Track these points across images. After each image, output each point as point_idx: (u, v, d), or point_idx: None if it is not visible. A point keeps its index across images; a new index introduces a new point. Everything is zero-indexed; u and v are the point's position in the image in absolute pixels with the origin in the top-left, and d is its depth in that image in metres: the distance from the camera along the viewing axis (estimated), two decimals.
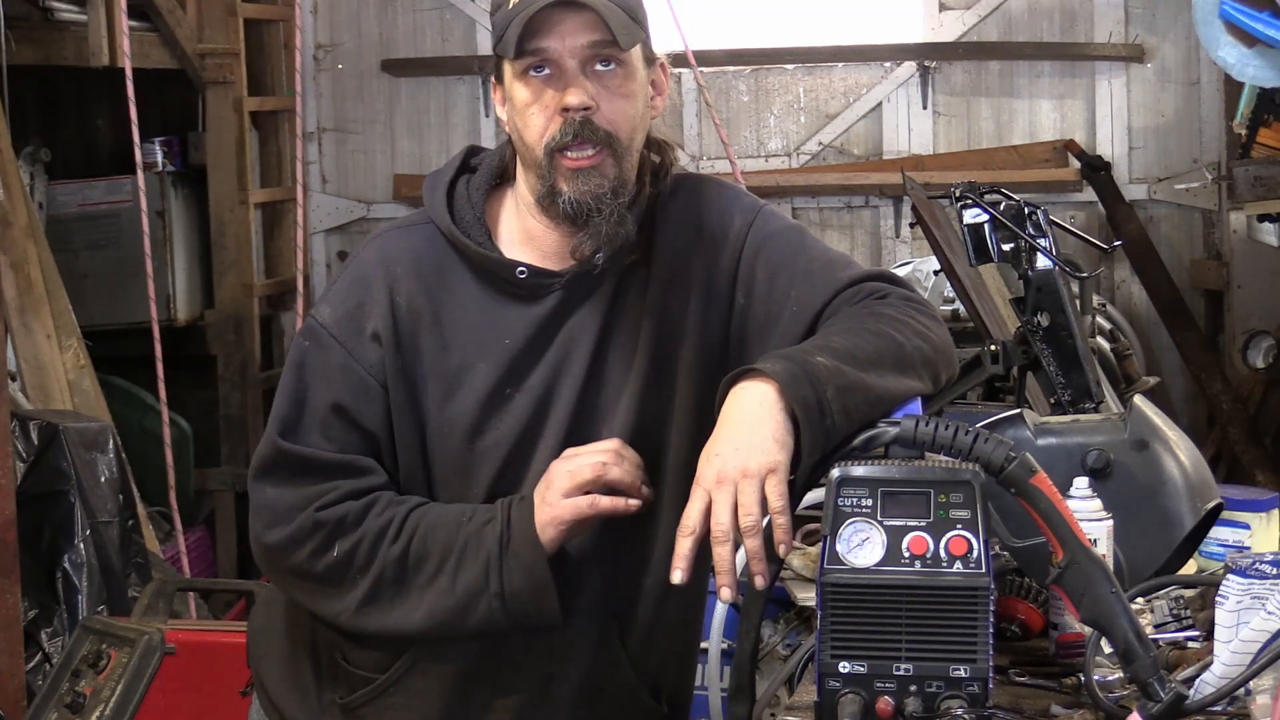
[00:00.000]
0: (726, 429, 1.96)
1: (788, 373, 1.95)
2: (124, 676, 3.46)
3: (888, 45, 6.36)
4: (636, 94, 2.15)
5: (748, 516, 1.90)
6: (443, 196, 2.23)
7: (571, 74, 2.10)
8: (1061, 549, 1.86)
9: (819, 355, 1.99)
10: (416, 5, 6.65)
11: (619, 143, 2.13)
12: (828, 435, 1.94)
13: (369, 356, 2.17)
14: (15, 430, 4.24)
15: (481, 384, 2.16)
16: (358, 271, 2.23)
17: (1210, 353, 5.95)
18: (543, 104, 2.12)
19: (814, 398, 1.94)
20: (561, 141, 2.11)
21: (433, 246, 2.21)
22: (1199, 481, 2.41)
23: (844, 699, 1.85)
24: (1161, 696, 1.80)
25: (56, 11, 5.42)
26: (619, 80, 2.13)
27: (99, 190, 6.15)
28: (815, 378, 1.95)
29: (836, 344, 2.05)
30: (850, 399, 1.96)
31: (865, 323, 2.11)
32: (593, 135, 2.11)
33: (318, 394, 2.17)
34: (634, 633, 2.25)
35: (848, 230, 6.42)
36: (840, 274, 2.20)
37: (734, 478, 1.91)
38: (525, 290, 2.18)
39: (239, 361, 6.31)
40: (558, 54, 2.10)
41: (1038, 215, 2.90)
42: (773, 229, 2.25)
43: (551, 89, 2.11)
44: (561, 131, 2.11)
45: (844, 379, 1.97)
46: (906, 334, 2.10)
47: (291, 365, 2.22)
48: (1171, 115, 6.16)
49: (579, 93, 2.10)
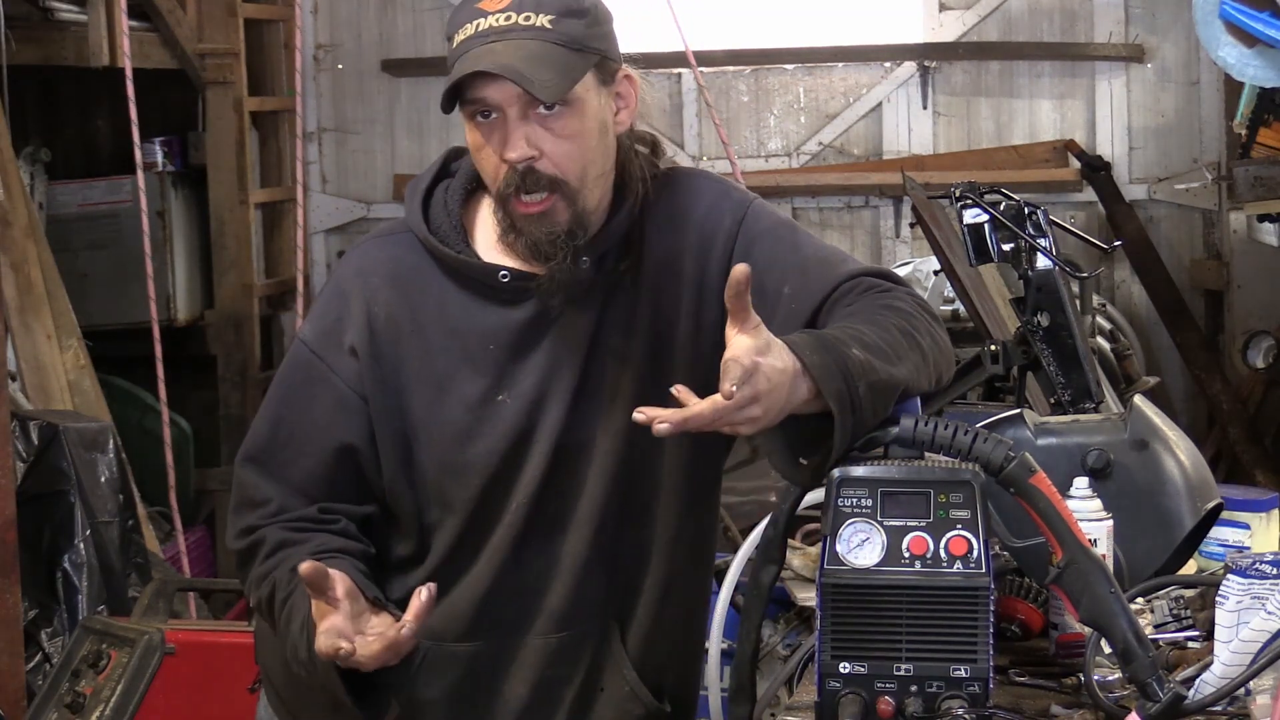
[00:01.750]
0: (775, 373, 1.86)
1: (823, 365, 1.90)
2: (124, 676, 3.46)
3: (888, 45, 6.36)
4: (585, 131, 2.12)
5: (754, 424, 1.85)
6: (419, 204, 2.24)
7: (512, 123, 2.09)
8: (1060, 549, 1.86)
9: (853, 348, 1.95)
10: (416, 5, 6.65)
11: (567, 186, 2.11)
12: (854, 432, 1.92)
13: (347, 370, 2.18)
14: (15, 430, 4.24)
15: (470, 389, 2.16)
16: (336, 286, 2.25)
17: (1210, 353, 5.95)
18: (490, 149, 2.12)
19: (848, 394, 1.90)
20: (507, 191, 2.11)
21: (411, 254, 2.21)
22: (1199, 481, 2.41)
23: (844, 699, 1.85)
24: (1160, 697, 1.79)
25: (56, 11, 5.42)
26: (563, 121, 2.09)
27: (99, 190, 6.15)
28: (849, 374, 1.91)
29: (868, 338, 2.00)
30: (880, 397, 1.94)
31: (889, 319, 2.08)
32: (537, 184, 2.10)
33: (295, 412, 2.20)
34: (634, 632, 2.25)
35: (848, 230, 6.42)
36: (837, 269, 2.19)
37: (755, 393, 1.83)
38: (508, 294, 2.17)
39: (239, 361, 6.31)
40: (496, 103, 2.09)
41: (1038, 215, 2.90)
42: (764, 225, 2.23)
43: (497, 135, 2.11)
44: (506, 181, 2.10)
45: (875, 376, 1.94)
46: (922, 333, 2.09)
47: (274, 384, 2.25)
48: (1171, 115, 6.16)
49: (519, 145, 2.08)
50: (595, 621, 2.22)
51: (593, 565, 2.19)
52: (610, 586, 2.22)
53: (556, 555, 2.19)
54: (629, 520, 2.20)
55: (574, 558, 2.19)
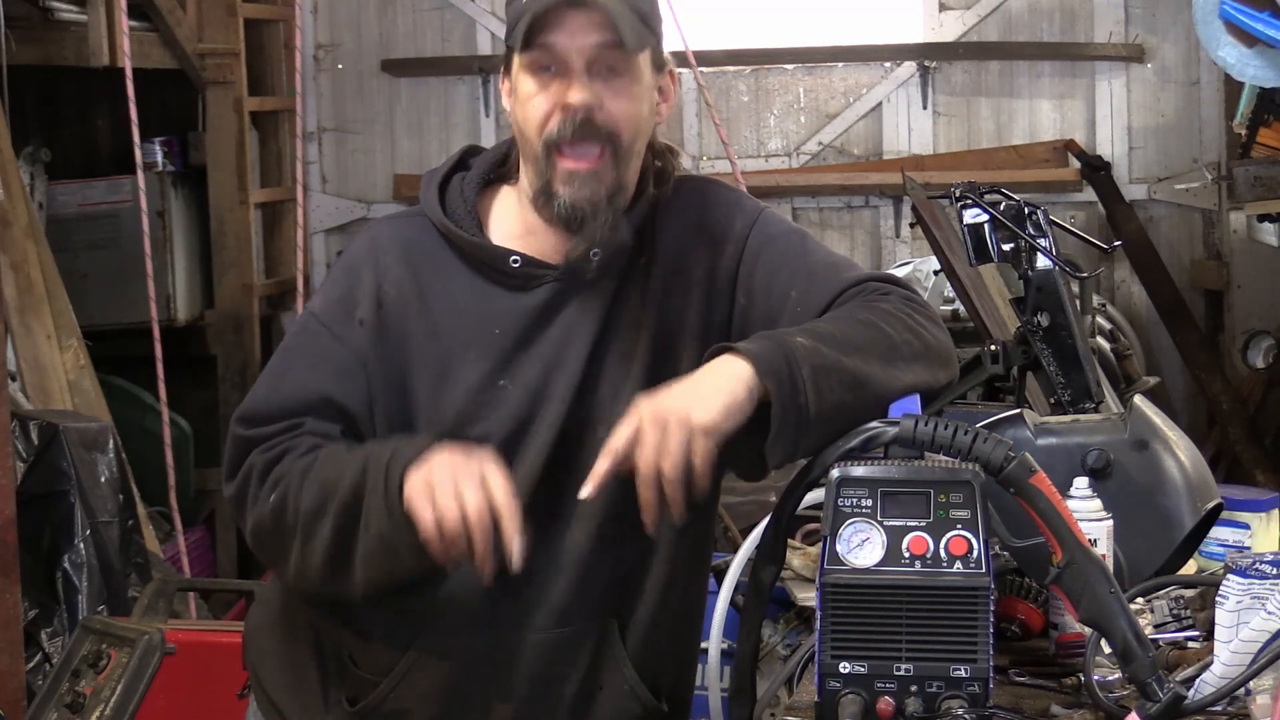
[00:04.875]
0: (687, 382, 1.99)
1: (763, 349, 1.98)
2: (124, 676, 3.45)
3: (888, 45, 6.36)
4: (641, 97, 2.15)
5: (669, 461, 1.92)
6: (435, 191, 2.25)
7: (577, 72, 2.10)
8: (1060, 549, 1.86)
9: (799, 336, 2.02)
10: (416, 5, 6.65)
11: (620, 142, 2.13)
12: (800, 413, 1.96)
13: (354, 340, 2.18)
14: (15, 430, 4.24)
15: (472, 373, 2.16)
16: (348, 261, 2.26)
17: (1210, 353, 5.95)
18: (546, 96, 2.12)
19: (787, 374, 1.96)
20: (560, 136, 2.11)
21: (424, 235, 2.22)
22: (1199, 481, 2.41)
23: (845, 699, 1.85)
24: (1160, 697, 1.79)
25: (56, 11, 5.42)
26: (625, 82, 2.13)
27: (99, 190, 6.15)
28: (791, 356, 1.97)
29: (820, 328, 2.07)
30: (825, 379, 1.98)
31: (855, 314, 2.12)
32: (594, 133, 2.11)
33: (296, 371, 2.19)
34: (634, 631, 2.25)
35: (848, 230, 6.42)
36: (843, 275, 2.21)
37: (668, 421, 1.93)
38: (518, 280, 2.18)
39: (239, 361, 6.31)
40: (565, 51, 2.10)
41: (1038, 215, 2.91)
42: (775, 231, 2.26)
43: (557, 83, 2.11)
44: (561, 126, 2.11)
45: (821, 359, 1.99)
46: (897, 328, 2.11)
47: (277, 352, 2.25)
48: (1171, 115, 6.16)
49: (581, 90, 2.10)
50: (595, 619, 2.22)
51: (594, 562, 2.19)
52: (611, 584, 2.22)
53: (557, 550, 2.19)
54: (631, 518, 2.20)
55: (575, 554, 2.19)
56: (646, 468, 1.93)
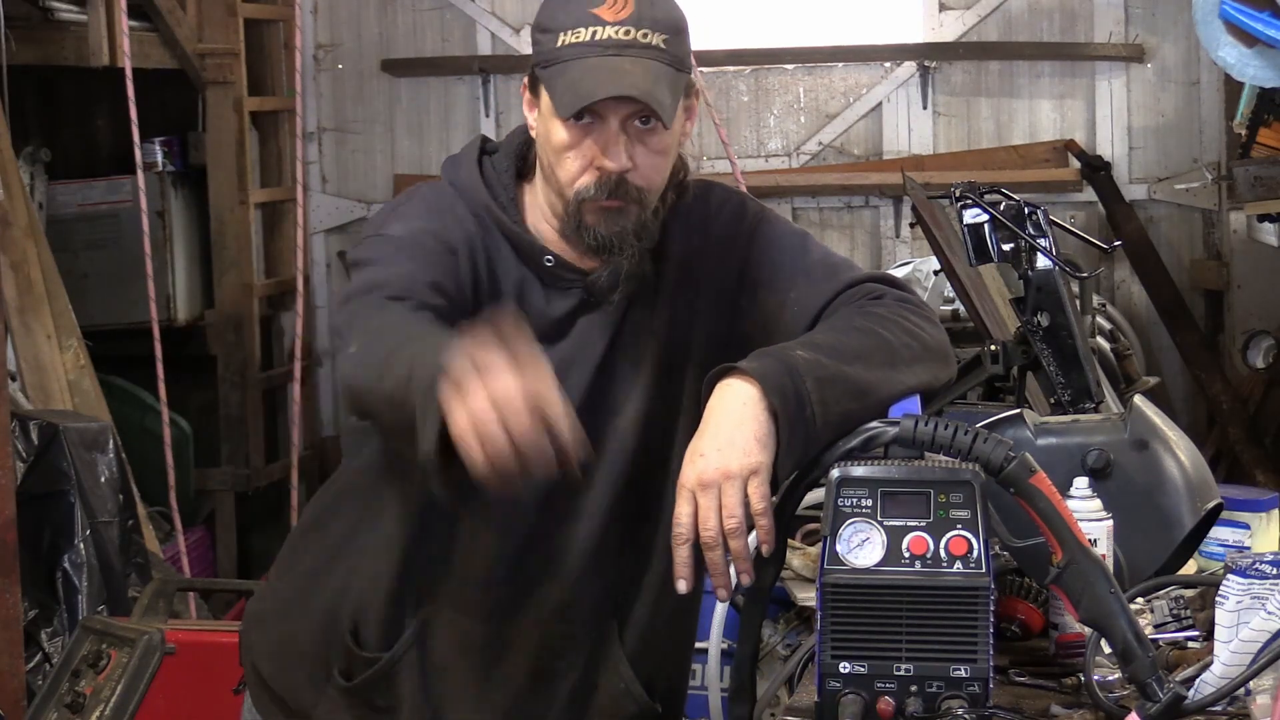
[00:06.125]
0: (710, 430, 1.97)
1: (767, 369, 1.98)
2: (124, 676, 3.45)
3: (888, 45, 6.35)
4: (670, 147, 2.16)
5: (731, 519, 1.93)
6: (478, 175, 2.21)
7: (613, 133, 2.09)
8: (1060, 549, 1.87)
9: (799, 350, 2.02)
10: (416, 5, 6.64)
11: (648, 197, 2.14)
12: (807, 426, 1.96)
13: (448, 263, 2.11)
14: (15, 430, 4.24)
15: None
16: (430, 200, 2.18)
17: (1210, 353, 5.95)
18: (580, 152, 2.10)
19: (792, 389, 1.96)
20: (595, 197, 2.10)
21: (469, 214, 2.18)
22: (1199, 481, 2.41)
23: (845, 699, 1.85)
24: (1160, 697, 1.80)
25: (56, 11, 5.42)
26: (657, 137, 2.12)
27: (99, 190, 6.14)
28: (794, 371, 1.97)
29: (819, 339, 2.08)
30: (829, 390, 1.98)
31: (852, 320, 2.13)
32: (625, 193, 2.11)
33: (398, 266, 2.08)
34: (632, 630, 2.26)
35: (848, 230, 6.42)
36: (841, 276, 2.22)
37: (716, 480, 1.93)
38: (548, 279, 2.18)
39: (239, 361, 6.30)
40: (602, 112, 2.09)
41: (1038, 215, 2.91)
42: (777, 232, 2.27)
43: (591, 140, 2.10)
44: (597, 186, 2.10)
45: (823, 370, 1.99)
46: (894, 331, 2.12)
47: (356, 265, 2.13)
48: (1171, 115, 6.16)
49: (619, 155, 2.09)
50: (594, 617, 2.23)
51: (596, 560, 2.20)
52: (611, 583, 2.23)
53: (562, 546, 2.19)
54: (634, 518, 2.21)
55: (578, 551, 2.19)
56: (711, 537, 1.93)
